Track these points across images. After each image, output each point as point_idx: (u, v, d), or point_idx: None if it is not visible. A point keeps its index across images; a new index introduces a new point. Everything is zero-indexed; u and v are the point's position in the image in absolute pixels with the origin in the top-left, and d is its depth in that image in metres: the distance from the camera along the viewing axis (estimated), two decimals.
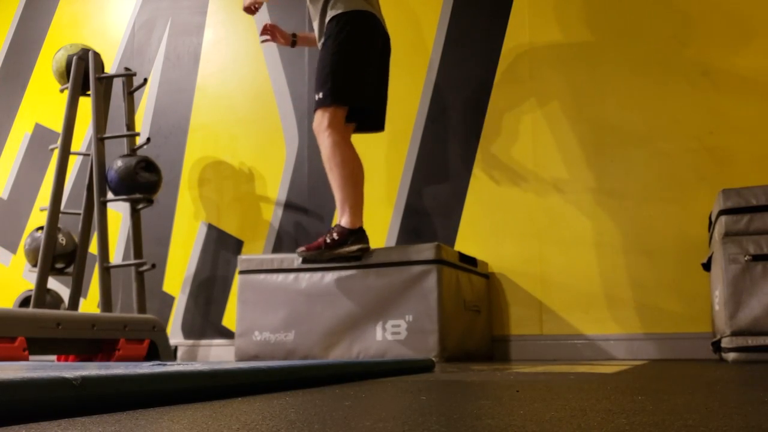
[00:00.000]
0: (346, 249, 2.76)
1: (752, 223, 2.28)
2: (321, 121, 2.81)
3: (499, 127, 3.42)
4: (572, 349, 3.13)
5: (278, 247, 3.78)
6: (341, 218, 2.77)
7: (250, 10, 3.08)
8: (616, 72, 3.24)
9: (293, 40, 3.31)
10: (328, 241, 2.76)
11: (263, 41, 3.32)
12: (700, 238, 2.95)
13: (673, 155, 3.10)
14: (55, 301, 3.75)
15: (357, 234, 2.77)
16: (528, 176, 3.32)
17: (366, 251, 2.80)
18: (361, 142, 3.02)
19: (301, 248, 2.87)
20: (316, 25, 2.98)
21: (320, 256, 2.82)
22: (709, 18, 3.12)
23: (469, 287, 3.04)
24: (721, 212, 2.34)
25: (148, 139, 3.71)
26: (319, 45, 2.96)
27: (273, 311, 2.96)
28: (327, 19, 2.88)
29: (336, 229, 2.77)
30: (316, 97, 2.84)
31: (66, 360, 2.78)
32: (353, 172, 2.79)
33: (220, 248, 3.94)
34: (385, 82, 3.03)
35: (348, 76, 2.84)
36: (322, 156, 2.82)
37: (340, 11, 2.85)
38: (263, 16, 3.92)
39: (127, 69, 3.76)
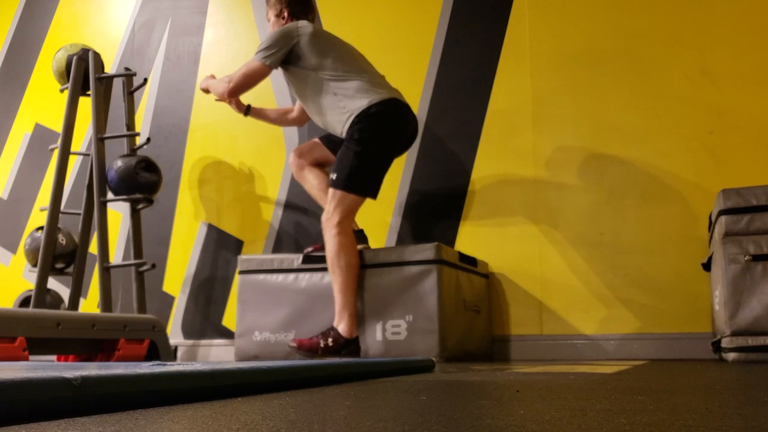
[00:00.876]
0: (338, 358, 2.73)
1: (752, 223, 2.28)
2: (333, 212, 2.74)
3: (499, 127, 3.41)
4: (572, 349, 3.13)
5: (278, 247, 3.78)
6: (339, 324, 2.72)
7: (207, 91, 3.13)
8: (615, 71, 3.24)
9: (246, 111, 3.25)
10: (323, 345, 2.70)
11: (217, 100, 3.22)
12: (700, 238, 2.95)
13: (673, 155, 3.10)
14: (55, 301, 3.75)
15: (352, 345, 2.73)
16: (528, 176, 3.32)
17: None
18: None
19: (293, 343, 2.76)
20: (322, 119, 2.90)
21: (312, 357, 2.75)
22: (709, 17, 3.12)
23: (469, 287, 3.04)
24: (721, 212, 2.34)
25: (148, 139, 3.71)
26: (341, 134, 2.86)
27: (273, 311, 2.96)
28: (350, 118, 2.78)
29: (333, 335, 2.71)
30: (332, 176, 2.78)
31: (66, 360, 2.78)
32: (355, 278, 2.75)
33: (220, 248, 3.94)
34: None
35: (366, 175, 2.79)
36: (327, 252, 2.76)
37: (363, 107, 2.77)
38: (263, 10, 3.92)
39: (127, 69, 3.76)
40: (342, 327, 2.71)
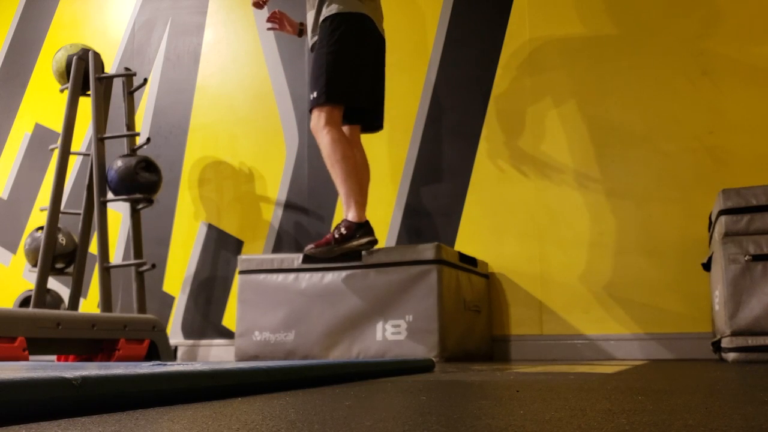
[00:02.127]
0: (356, 242, 2.74)
1: (752, 223, 2.28)
2: (318, 120, 2.81)
3: (499, 127, 3.42)
4: (572, 349, 3.13)
5: (278, 247, 3.78)
6: (347, 213, 2.76)
7: (259, 4, 3.10)
8: (616, 72, 3.24)
9: (300, 29, 3.27)
10: (337, 236, 2.76)
11: (269, 28, 3.28)
12: (701, 238, 2.95)
13: (673, 155, 3.10)
14: (55, 301, 3.75)
15: (364, 227, 2.76)
16: (528, 176, 3.32)
17: (374, 243, 2.78)
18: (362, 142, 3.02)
19: (310, 246, 2.85)
20: (309, 19, 2.98)
21: (330, 253, 2.79)
22: (709, 17, 3.12)
23: (469, 287, 3.04)
24: (721, 212, 2.34)
25: (148, 139, 3.71)
26: (309, 40, 2.97)
27: (273, 311, 2.96)
28: (321, 19, 2.88)
29: (343, 224, 2.76)
30: (311, 96, 2.84)
31: (66, 360, 2.78)
32: (355, 166, 2.79)
33: (220, 248, 3.94)
34: (381, 81, 3.02)
35: (342, 75, 2.83)
36: (323, 155, 2.81)
37: (333, 12, 2.86)
38: (265, 13, 3.92)
39: (127, 69, 3.76)
40: (351, 214, 2.75)
